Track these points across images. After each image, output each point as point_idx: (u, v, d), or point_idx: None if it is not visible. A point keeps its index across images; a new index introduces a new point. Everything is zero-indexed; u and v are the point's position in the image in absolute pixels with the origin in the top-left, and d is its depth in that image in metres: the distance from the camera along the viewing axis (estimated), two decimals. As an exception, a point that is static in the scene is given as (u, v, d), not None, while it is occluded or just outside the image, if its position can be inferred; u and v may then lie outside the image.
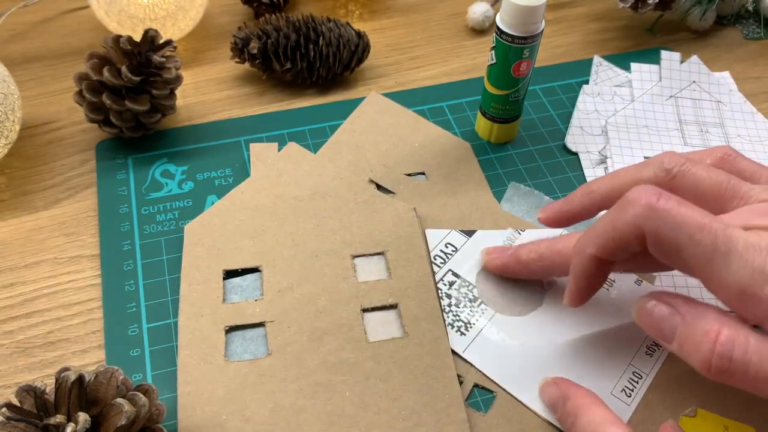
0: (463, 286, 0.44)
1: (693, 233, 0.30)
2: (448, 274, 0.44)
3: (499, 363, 0.40)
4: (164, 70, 0.50)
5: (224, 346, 0.40)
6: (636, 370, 0.40)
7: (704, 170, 0.35)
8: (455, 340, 0.41)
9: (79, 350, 0.42)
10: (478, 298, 0.43)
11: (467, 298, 0.43)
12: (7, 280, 0.45)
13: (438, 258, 0.45)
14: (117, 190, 0.50)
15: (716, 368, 0.29)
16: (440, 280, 0.44)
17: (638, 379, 0.40)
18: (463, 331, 0.42)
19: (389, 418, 0.38)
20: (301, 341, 0.41)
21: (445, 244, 0.46)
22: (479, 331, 0.42)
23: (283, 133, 0.54)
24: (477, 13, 0.64)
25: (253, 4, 0.64)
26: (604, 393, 0.39)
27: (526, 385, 0.39)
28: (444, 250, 0.45)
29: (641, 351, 0.41)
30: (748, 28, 0.67)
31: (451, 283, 0.44)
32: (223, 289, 0.43)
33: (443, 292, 0.43)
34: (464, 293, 0.43)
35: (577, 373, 0.40)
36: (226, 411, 0.38)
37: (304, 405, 0.38)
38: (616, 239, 0.33)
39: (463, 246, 0.46)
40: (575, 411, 0.36)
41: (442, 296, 0.43)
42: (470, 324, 0.42)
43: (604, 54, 0.63)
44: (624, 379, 0.40)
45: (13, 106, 0.49)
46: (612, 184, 0.38)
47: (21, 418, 0.31)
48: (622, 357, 0.41)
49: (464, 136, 0.55)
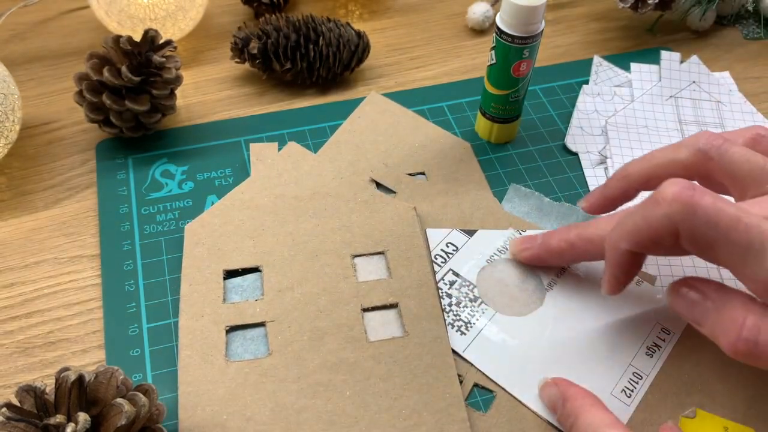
0: (464, 286, 0.44)
1: (727, 231, 0.30)
2: (449, 274, 0.44)
3: (499, 363, 0.40)
4: (164, 70, 0.50)
5: (225, 346, 0.40)
6: (636, 370, 0.40)
7: (741, 153, 0.34)
8: (455, 340, 0.41)
9: (79, 350, 0.42)
10: (479, 297, 0.43)
11: (468, 298, 0.43)
12: (7, 280, 0.45)
13: (439, 257, 0.45)
14: (117, 190, 0.50)
15: (743, 352, 0.31)
16: (441, 279, 0.44)
17: (638, 380, 0.40)
18: (463, 331, 0.41)
19: (390, 418, 0.38)
20: (302, 341, 0.41)
21: (446, 244, 0.46)
22: (479, 331, 0.42)
23: (283, 133, 0.54)
24: (477, 13, 0.64)
25: (253, 4, 0.64)
26: (604, 393, 0.39)
27: (527, 384, 0.39)
28: (445, 249, 0.45)
29: (641, 351, 0.41)
30: (748, 28, 0.67)
31: (451, 282, 0.44)
32: (223, 289, 0.43)
33: (443, 292, 0.43)
34: (465, 293, 0.43)
35: (577, 373, 0.40)
36: (227, 411, 0.38)
37: (305, 404, 0.38)
38: (650, 235, 0.33)
39: (464, 245, 0.46)
40: (574, 412, 0.36)
41: (443, 296, 0.43)
42: (470, 324, 0.42)
43: (604, 54, 0.63)
44: (624, 379, 0.40)
45: (13, 106, 0.49)
46: (647, 167, 0.38)
47: (21, 418, 0.31)
48: (623, 357, 0.40)
49: (464, 136, 0.55)
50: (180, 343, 0.40)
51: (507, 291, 0.44)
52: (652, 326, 0.42)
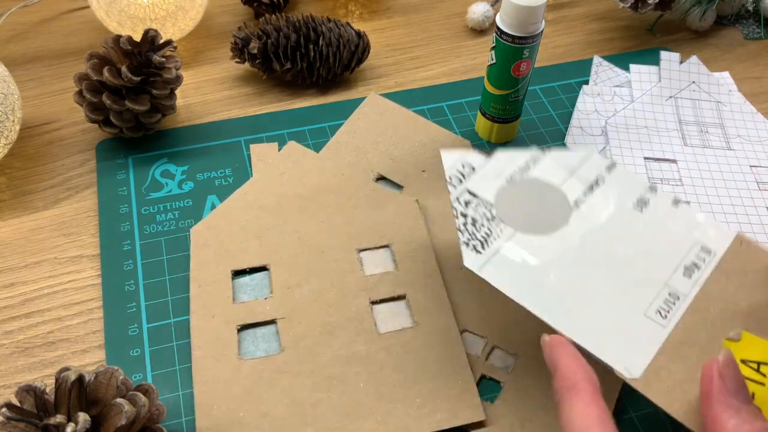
0: (481, 205, 0.40)
1: None
2: (465, 194, 0.41)
3: (518, 282, 0.37)
4: (164, 70, 0.50)
5: (237, 345, 0.41)
6: (672, 291, 0.37)
7: None
8: (470, 259, 0.38)
9: (79, 350, 0.42)
10: (498, 216, 0.40)
11: (485, 217, 0.40)
12: (7, 280, 0.45)
13: (454, 178, 0.42)
14: (117, 190, 0.50)
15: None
16: (456, 199, 0.40)
17: (675, 301, 0.37)
18: (479, 250, 0.38)
19: (404, 407, 0.38)
20: (313, 336, 0.41)
21: (461, 165, 0.42)
22: (497, 250, 0.38)
23: (283, 133, 0.54)
24: (477, 13, 0.64)
25: (253, 4, 0.64)
26: (637, 314, 0.36)
27: (548, 304, 0.36)
28: (461, 170, 0.42)
29: (678, 272, 0.38)
30: (748, 28, 0.67)
31: (467, 202, 0.40)
32: (232, 289, 0.43)
33: (458, 211, 0.40)
34: (482, 212, 0.40)
35: (605, 293, 0.37)
36: (243, 408, 0.38)
37: (320, 398, 0.39)
38: None
39: (483, 166, 0.42)
40: (559, 392, 0.33)
41: (457, 215, 0.40)
42: (487, 242, 0.39)
43: (604, 54, 0.63)
44: (659, 299, 0.37)
45: (13, 106, 0.49)
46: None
47: (21, 418, 0.31)
48: (657, 277, 0.37)
49: (464, 136, 0.55)
50: (192, 343, 0.41)
51: (529, 210, 0.40)
52: (690, 245, 0.39)
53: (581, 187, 0.42)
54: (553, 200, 0.41)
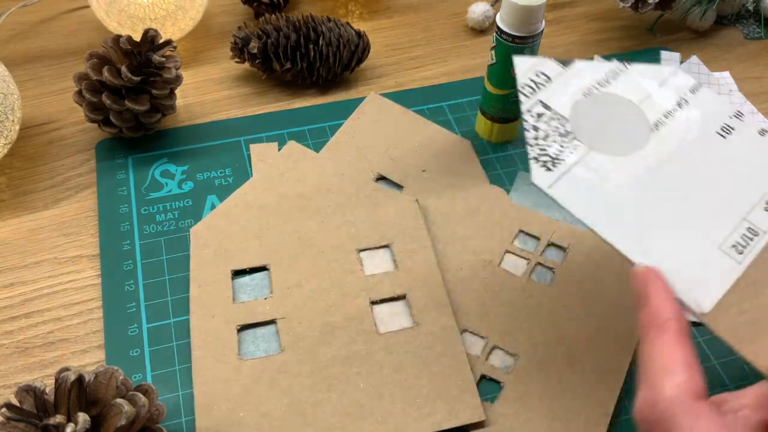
0: (554, 119, 0.38)
1: None
2: (537, 105, 0.38)
3: (589, 203, 0.35)
4: (164, 70, 0.50)
5: (237, 345, 0.41)
6: (751, 226, 0.35)
7: None
8: (539, 176, 0.36)
9: (79, 350, 0.42)
10: (571, 132, 0.38)
11: (557, 132, 0.37)
12: (7, 280, 0.45)
13: (526, 87, 0.39)
14: (117, 190, 0.50)
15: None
16: (527, 111, 0.38)
17: (753, 236, 0.35)
18: (549, 167, 0.36)
19: (404, 407, 0.38)
20: (313, 336, 0.41)
21: (536, 73, 0.39)
22: (569, 168, 0.36)
23: (283, 133, 0.54)
24: (477, 13, 0.64)
25: (253, 4, 0.64)
26: (711, 247, 0.35)
27: (618, 229, 0.34)
28: (534, 79, 0.39)
29: (759, 206, 0.36)
30: (749, 28, 0.67)
31: (539, 114, 0.38)
32: (232, 289, 0.43)
33: (530, 124, 0.37)
34: (555, 127, 0.38)
35: (679, 222, 0.35)
36: (243, 408, 0.38)
37: (320, 398, 0.39)
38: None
39: (558, 76, 0.40)
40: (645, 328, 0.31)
41: (528, 128, 0.37)
42: (558, 159, 0.36)
43: (604, 54, 0.63)
44: (736, 233, 0.35)
45: (13, 106, 0.49)
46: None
47: (21, 418, 0.31)
48: (736, 210, 0.36)
49: (464, 136, 0.54)
50: (192, 343, 0.41)
51: (605, 128, 0.38)
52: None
53: (662, 108, 0.39)
54: (632, 119, 0.39)
